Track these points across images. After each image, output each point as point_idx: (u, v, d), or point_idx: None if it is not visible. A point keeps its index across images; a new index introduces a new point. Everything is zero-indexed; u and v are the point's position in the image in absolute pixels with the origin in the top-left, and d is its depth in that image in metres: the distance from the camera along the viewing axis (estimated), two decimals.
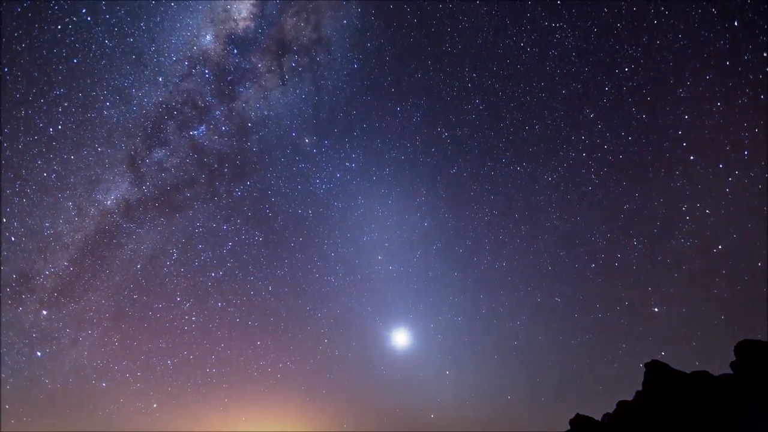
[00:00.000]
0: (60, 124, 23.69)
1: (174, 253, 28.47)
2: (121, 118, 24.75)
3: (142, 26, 23.11)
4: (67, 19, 21.88)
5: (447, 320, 31.63)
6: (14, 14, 21.34)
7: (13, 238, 24.80)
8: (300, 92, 27.40)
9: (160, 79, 24.66)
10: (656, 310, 26.94)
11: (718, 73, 22.59)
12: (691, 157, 24.30)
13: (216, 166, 27.73)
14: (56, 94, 23.18)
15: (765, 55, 21.18)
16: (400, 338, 31.33)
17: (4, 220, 24.42)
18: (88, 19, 22.28)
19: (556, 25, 24.14)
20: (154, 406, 28.94)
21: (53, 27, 21.79)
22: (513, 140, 27.80)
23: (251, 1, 24.31)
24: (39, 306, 26.53)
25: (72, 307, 27.28)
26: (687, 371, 12.50)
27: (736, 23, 21.46)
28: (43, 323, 26.80)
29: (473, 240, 30.30)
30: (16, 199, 24.33)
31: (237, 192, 28.61)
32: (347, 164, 29.11)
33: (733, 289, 24.58)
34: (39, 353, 26.94)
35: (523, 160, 27.96)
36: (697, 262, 25.64)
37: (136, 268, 28.12)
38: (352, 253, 30.83)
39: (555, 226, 28.86)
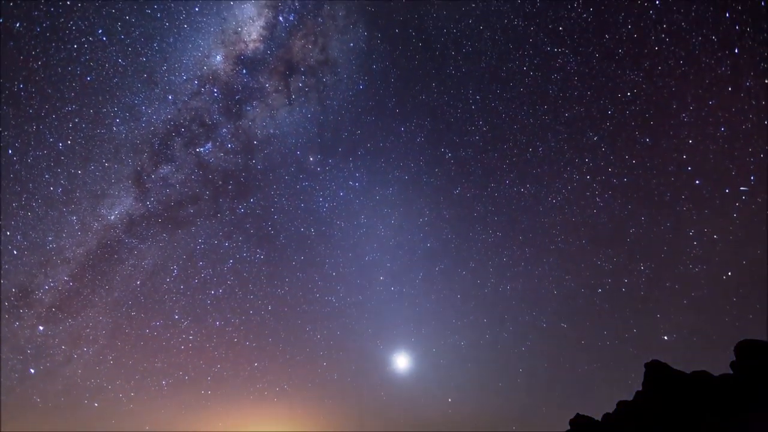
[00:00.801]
0: (69, 140, 24.19)
1: (174, 269, 28.33)
2: (130, 135, 25.26)
3: (155, 46, 23.92)
4: (83, 39, 22.70)
5: (449, 345, 30.91)
6: (33, 33, 22.16)
7: (15, 252, 24.83)
8: (306, 111, 27.98)
9: (170, 97, 25.28)
10: (666, 338, 26.12)
11: (721, 99, 22.74)
12: (697, 182, 24.16)
13: (220, 182, 27.99)
14: (68, 110, 23.77)
15: (767, 81, 21.35)
16: (401, 362, 30.56)
17: (8, 233, 24.53)
18: (104, 39, 23.11)
19: (558, 50, 24.71)
20: (147, 428, 28.13)
21: (69, 46, 22.57)
22: (516, 162, 27.94)
23: (261, 24, 25.17)
24: (36, 321, 26.26)
25: (69, 323, 26.98)
26: (687, 371, 12.50)
27: (736, 50, 21.76)
28: (39, 339, 26.45)
29: (477, 262, 29.98)
30: (21, 213, 24.51)
31: (240, 209, 28.74)
32: (351, 183, 29.27)
33: (744, 318, 23.88)
34: (32, 370, 26.47)
35: (526, 182, 27.99)
36: (706, 289, 25.05)
37: (136, 284, 27.96)
38: (354, 273, 30.54)
39: (560, 249, 28.53)
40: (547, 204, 27.91)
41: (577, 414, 14.71)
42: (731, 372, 11.98)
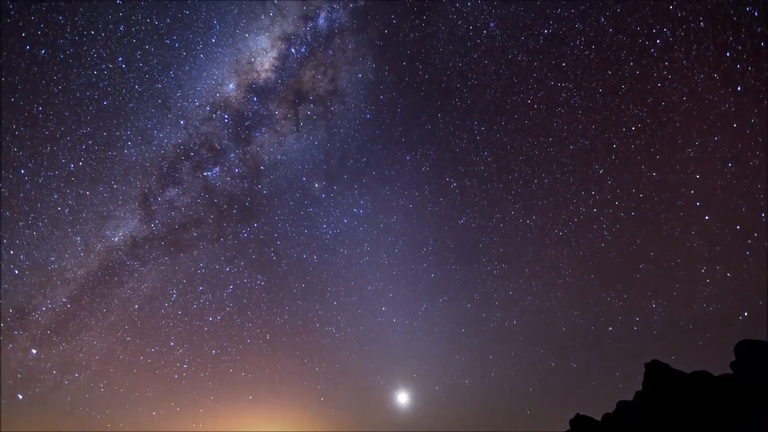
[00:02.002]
0: (81, 161, 24.71)
1: (173, 293, 27.93)
2: (140, 157, 25.78)
3: (171, 74, 24.89)
4: (103, 66, 23.74)
5: (453, 382, 29.56)
6: (57, 60, 23.22)
7: (16, 271, 24.74)
8: (313, 139, 28.53)
9: (182, 122, 25.97)
10: None
11: (726, 136, 22.78)
12: (706, 217, 23.76)
13: (225, 206, 28.13)
14: (82, 132, 24.47)
15: None
16: (402, 399, 29.14)
17: (12, 252, 24.54)
18: (123, 66, 24.14)
19: (561, 84, 25.22)
20: None
21: (89, 72, 23.57)
22: (522, 193, 27.83)
23: (274, 55, 26.19)
24: (30, 344, 25.75)
25: (63, 347, 26.38)
26: (687, 371, 12.50)
27: (739, 88, 22.02)
28: (31, 363, 25.81)
29: (482, 294, 29.20)
30: (27, 232, 24.66)
31: (243, 233, 28.68)
32: (355, 210, 29.25)
33: None
34: (20, 396, 25.61)
35: (532, 213, 27.72)
36: (724, 330, 23.96)
37: (134, 308, 27.52)
38: (355, 302, 29.85)
39: (568, 283, 27.77)
40: (554, 236, 27.52)
41: (577, 414, 14.49)
42: (731, 372, 12.03)
